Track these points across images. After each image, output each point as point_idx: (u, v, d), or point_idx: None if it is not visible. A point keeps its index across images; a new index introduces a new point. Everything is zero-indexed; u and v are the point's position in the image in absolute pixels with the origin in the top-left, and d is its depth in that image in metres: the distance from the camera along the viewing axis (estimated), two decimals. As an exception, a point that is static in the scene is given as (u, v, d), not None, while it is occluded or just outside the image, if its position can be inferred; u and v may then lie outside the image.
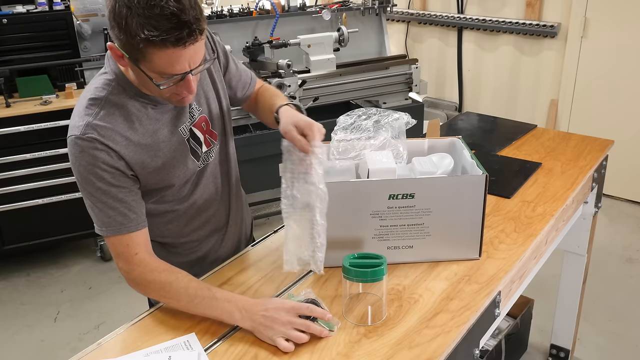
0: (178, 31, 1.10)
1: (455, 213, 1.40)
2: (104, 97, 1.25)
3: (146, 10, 1.09)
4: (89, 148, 1.22)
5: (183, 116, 1.36)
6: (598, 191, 2.13)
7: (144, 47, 1.11)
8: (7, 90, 3.06)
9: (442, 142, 1.63)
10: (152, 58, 1.13)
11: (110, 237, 1.28)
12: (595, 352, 2.59)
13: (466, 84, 4.69)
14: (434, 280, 1.39)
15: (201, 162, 1.43)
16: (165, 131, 1.33)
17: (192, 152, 1.39)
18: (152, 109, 1.31)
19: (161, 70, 1.16)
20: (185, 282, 1.26)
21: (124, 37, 1.13)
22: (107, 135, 1.23)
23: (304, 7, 3.71)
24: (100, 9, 4.06)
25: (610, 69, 3.77)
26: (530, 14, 4.09)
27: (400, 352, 1.16)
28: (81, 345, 2.67)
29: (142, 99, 1.29)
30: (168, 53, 1.12)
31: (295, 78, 3.17)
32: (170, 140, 1.34)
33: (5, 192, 3.08)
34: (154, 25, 1.09)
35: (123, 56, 1.17)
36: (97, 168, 1.23)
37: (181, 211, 1.45)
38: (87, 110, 1.24)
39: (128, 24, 1.10)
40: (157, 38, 1.09)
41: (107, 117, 1.24)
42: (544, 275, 2.01)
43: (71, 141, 1.23)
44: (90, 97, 1.26)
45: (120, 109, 1.26)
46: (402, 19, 4.96)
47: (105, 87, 1.27)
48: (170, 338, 1.22)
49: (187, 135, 1.37)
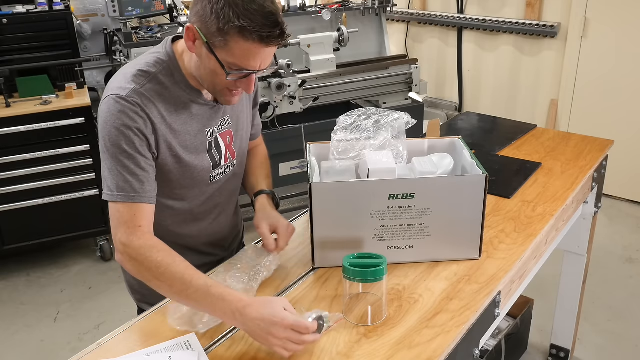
0: (272, 29, 1.17)
1: (455, 213, 1.40)
2: (153, 73, 1.29)
3: (246, 3, 1.16)
4: (129, 110, 1.24)
5: (214, 121, 1.40)
6: (598, 191, 2.13)
7: (233, 34, 1.17)
8: (7, 90, 3.06)
9: (442, 142, 1.63)
10: (233, 47, 1.18)
11: (118, 204, 1.25)
12: (595, 352, 2.59)
13: (466, 84, 4.69)
14: (434, 280, 1.39)
15: (216, 173, 1.44)
16: (195, 126, 1.36)
17: (210, 156, 1.41)
18: (190, 101, 1.34)
19: (236, 61, 1.21)
20: (183, 267, 1.21)
21: (213, 21, 1.17)
22: (149, 105, 1.27)
23: (304, 7, 3.71)
24: (100, 9, 4.06)
25: (610, 69, 3.77)
26: (530, 14, 4.09)
27: (400, 352, 1.16)
28: (81, 345, 2.67)
29: (186, 89, 1.33)
30: (252, 47, 1.18)
31: (295, 78, 3.17)
32: (196, 136, 1.37)
33: (5, 192, 3.08)
34: (250, 17, 1.15)
35: (197, 39, 1.22)
36: (130, 131, 1.24)
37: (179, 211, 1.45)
38: (135, 78, 1.27)
39: (225, 11, 1.15)
40: (252, 29, 1.15)
41: (152, 92, 1.28)
42: (544, 275, 2.01)
43: (112, 100, 1.24)
44: (141, 69, 1.29)
45: (165, 89, 1.30)
46: (402, 19, 4.96)
47: (157, 65, 1.31)
48: (170, 338, 1.22)
49: (211, 139, 1.40)
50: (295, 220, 1.69)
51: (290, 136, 3.15)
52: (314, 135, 2.84)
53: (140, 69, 1.29)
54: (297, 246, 1.55)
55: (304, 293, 1.36)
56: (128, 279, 1.57)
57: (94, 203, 3.20)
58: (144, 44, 3.16)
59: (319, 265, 1.45)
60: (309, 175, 1.42)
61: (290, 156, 3.26)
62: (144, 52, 3.29)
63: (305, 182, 1.39)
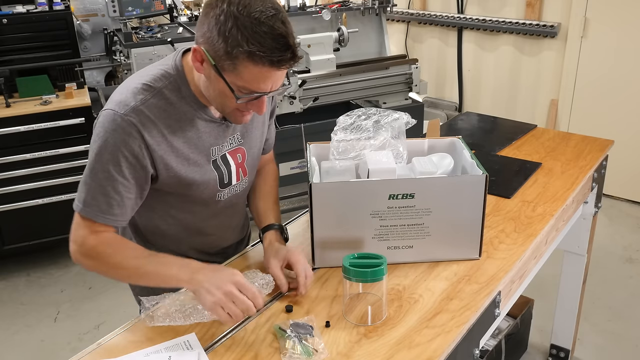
0: (282, 53, 1.13)
1: (455, 213, 1.40)
2: (158, 88, 1.25)
3: (255, 25, 1.11)
4: (124, 130, 1.20)
5: (222, 138, 1.36)
6: (598, 191, 2.13)
7: (242, 59, 1.13)
8: (7, 90, 3.06)
9: (442, 142, 1.63)
10: (243, 71, 1.15)
11: (82, 217, 1.25)
12: (595, 352, 2.59)
13: (466, 84, 4.69)
14: (434, 280, 1.39)
15: (226, 192, 1.42)
16: (200, 143, 1.32)
17: (218, 174, 1.38)
18: (197, 118, 1.30)
19: (246, 85, 1.17)
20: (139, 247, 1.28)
21: (221, 45, 1.13)
22: (147, 125, 1.22)
23: (304, 7, 3.71)
24: (100, 9, 4.06)
25: (610, 69, 3.77)
26: (530, 14, 4.09)
27: (400, 352, 1.16)
28: (81, 345, 2.67)
29: (193, 105, 1.29)
30: (262, 70, 1.14)
31: (295, 78, 3.17)
32: (200, 154, 1.33)
33: (5, 192, 3.08)
34: (260, 41, 1.11)
35: (205, 61, 1.18)
36: (119, 152, 1.21)
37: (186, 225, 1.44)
38: (138, 94, 1.23)
39: (232, 34, 1.11)
40: (262, 53, 1.11)
41: (154, 109, 1.24)
42: (544, 275, 2.01)
43: (109, 114, 1.22)
44: (145, 83, 1.25)
45: (169, 105, 1.26)
46: (402, 19, 4.96)
47: (163, 79, 1.26)
48: (170, 338, 1.22)
49: (216, 157, 1.36)
50: (295, 220, 1.69)
51: (290, 136, 3.14)
52: (314, 135, 2.84)
53: (145, 82, 1.25)
54: (297, 246, 1.55)
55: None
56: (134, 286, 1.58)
57: (94, 203, 3.19)
58: (144, 44, 3.16)
59: (319, 265, 1.45)
60: (309, 175, 1.42)
61: (290, 156, 3.26)
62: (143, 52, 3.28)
63: (305, 182, 1.39)
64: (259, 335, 1.22)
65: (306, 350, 1.16)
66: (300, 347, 1.16)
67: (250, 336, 1.22)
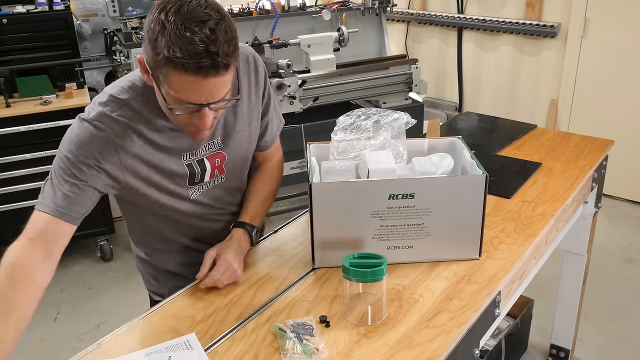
0: (201, 59, 1.09)
1: (455, 213, 1.40)
2: (125, 100, 1.25)
3: (179, 31, 1.08)
4: (90, 133, 1.22)
5: (196, 145, 1.35)
6: (598, 191, 2.13)
7: (165, 66, 1.11)
8: (7, 90, 3.06)
9: (442, 142, 1.63)
10: (171, 80, 1.13)
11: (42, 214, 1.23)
12: (595, 352, 2.59)
13: (466, 84, 4.69)
14: (434, 280, 1.39)
15: (196, 189, 1.41)
16: (172, 151, 1.32)
17: (190, 175, 1.37)
18: (168, 129, 1.30)
19: (177, 94, 1.15)
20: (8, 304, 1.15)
21: (150, 52, 1.13)
22: (115, 129, 1.23)
23: (304, 7, 3.70)
24: (100, 9, 4.06)
25: (610, 69, 3.77)
26: (530, 14, 4.09)
27: (400, 352, 1.16)
28: (81, 345, 2.67)
29: (162, 116, 1.27)
30: (186, 79, 1.11)
31: (295, 78, 3.17)
32: (171, 160, 1.33)
33: (5, 192, 3.08)
34: (180, 47, 1.08)
35: (148, 72, 1.17)
36: (82, 155, 1.22)
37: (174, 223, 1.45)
38: (105, 104, 1.25)
39: (157, 41, 1.10)
40: (178, 60, 1.09)
41: (121, 118, 1.24)
42: (544, 275, 2.01)
43: (78, 121, 1.24)
44: (112, 94, 1.26)
45: (137, 115, 1.26)
46: (402, 19, 4.96)
47: (129, 91, 1.26)
48: (170, 338, 1.22)
49: (190, 161, 1.36)
50: (295, 220, 1.70)
51: (290, 136, 3.14)
52: (314, 135, 2.84)
53: (112, 94, 1.26)
54: (297, 246, 1.55)
55: (304, 293, 1.36)
56: (139, 267, 1.60)
57: (94, 203, 3.19)
58: (144, 44, 3.16)
59: (319, 265, 1.45)
60: (309, 175, 1.42)
61: (290, 156, 3.25)
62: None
63: (305, 182, 1.39)
64: (259, 335, 1.22)
65: (306, 350, 1.16)
66: (300, 347, 1.16)
67: (250, 336, 1.22)
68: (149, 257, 1.55)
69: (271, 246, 1.57)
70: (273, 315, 1.28)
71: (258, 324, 1.26)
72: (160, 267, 1.56)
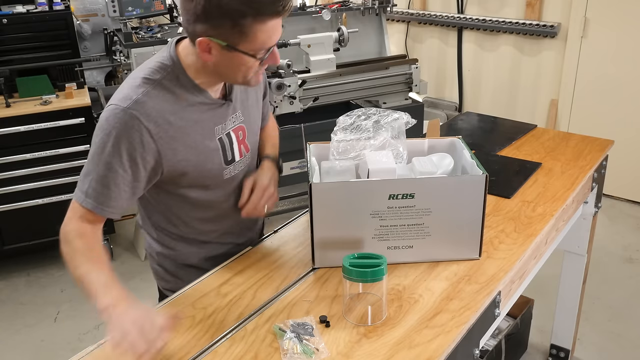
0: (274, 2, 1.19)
1: (455, 213, 1.40)
2: (157, 80, 1.29)
3: None
4: (126, 123, 1.23)
5: (224, 118, 1.40)
6: (598, 191, 2.13)
7: (249, 24, 1.18)
8: (7, 90, 3.06)
9: (442, 142, 1.63)
10: (255, 34, 1.20)
11: (77, 206, 1.28)
12: (595, 352, 2.59)
13: (466, 84, 4.69)
14: (434, 280, 1.39)
15: (232, 169, 1.45)
16: (204, 126, 1.36)
17: (223, 153, 1.41)
18: (198, 103, 1.34)
19: (261, 45, 1.23)
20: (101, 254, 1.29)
21: (224, 20, 1.18)
22: (151, 115, 1.26)
23: (304, 7, 3.70)
24: (100, 9, 4.06)
25: (610, 69, 3.77)
26: (530, 14, 4.09)
27: (400, 352, 1.16)
28: (81, 345, 2.67)
29: (193, 91, 1.33)
30: (269, 25, 1.21)
31: (295, 78, 3.16)
32: (205, 135, 1.37)
33: (5, 192, 3.08)
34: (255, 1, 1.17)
35: (212, 48, 1.22)
36: (121, 145, 1.24)
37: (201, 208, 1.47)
38: (138, 87, 1.27)
39: (231, 8, 1.16)
40: (265, 9, 1.18)
41: (156, 99, 1.27)
42: (544, 275, 2.01)
43: (112, 110, 1.25)
44: (144, 77, 1.29)
45: (170, 93, 1.30)
46: (402, 19, 4.96)
47: (160, 71, 1.30)
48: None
49: (221, 135, 1.40)
50: (295, 220, 1.70)
51: (290, 136, 3.14)
52: (314, 135, 2.84)
53: (144, 76, 1.29)
54: (297, 246, 1.55)
55: (304, 293, 1.36)
56: (154, 265, 1.61)
57: (94, 203, 3.19)
58: (144, 44, 3.16)
59: (319, 265, 1.45)
60: (309, 175, 1.42)
61: (290, 156, 3.26)
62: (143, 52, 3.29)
63: (305, 182, 1.39)
64: (259, 335, 1.22)
65: (306, 350, 1.16)
66: (300, 347, 1.16)
67: (250, 336, 1.22)
68: (170, 251, 1.55)
69: (271, 246, 1.57)
70: (273, 315, 1.28)
71: (258, 324, 1.26)
72: (182, 262, 1.56)
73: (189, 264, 1.55)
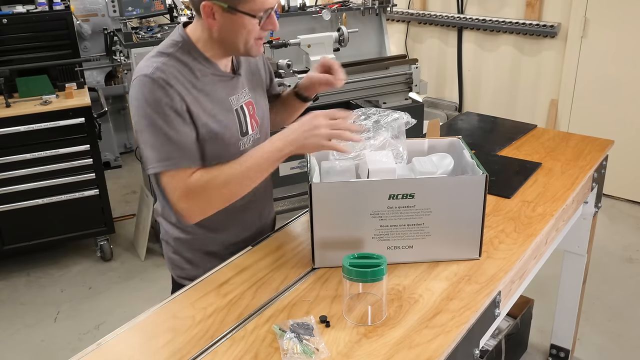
0: None
1: (455, 213, 1.40)
2: (171, 53, 1.39)
3: None
4: (157, 86, 1.33)
5: (236, 90, 1.50)
6: (598, 191, 2.13)
7: None
8: (7, 90, 3.06)
9: (442, 142, 1.63)
10: None
11: (167, 173, 1.35)
12: (595, 352, 2.59)
13: (466, 84, 4.69)
14: (434, 280, 1.39)
15: (246, 141, 1.51)
16: (219, 95, 1.45)
17: (239, 123, 1.49)
18: (211, 74, 1.43)
19: (261, 4, 1.33)
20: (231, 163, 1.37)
21: None
22: (173, 78, 1.35)
23: (304, 7, 3.70)
24: (100, 9, 4.06)
25: (610, 69, 3.77)
26: (530, 14, 4.09)
27: (400, 352, 1.16)
28: (81, 345, 2.67)
29: (204, 63, 1.42)
30: None
31: (295, 78, 3.16)
32: (222, 104, 1.45)
33: (5, 192, 3.08)
34: None
35: (215, 12, 1.32)
36: (163, 104, 1.33)
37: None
38: (155, 58, 1.38)
39: None
40: None
41: (172, 68, 1.37)
42: (544, 275, 2.01)
43: (140, 80, 1.34)
44: (158, 51, 1.40)
45: (184, 65, 1.39)
46: (402, 19, 4.96)
47: (173, 46, 1.41)
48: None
49: (237, 106, 1.49)
50: (295, 220, 1.70)
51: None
52: (314, 135, 2.83)
53: (158, 51, 1.40)
54: (297, 246, 1.55)
55: (304, 293, 1.36)
56: (170, 254, 1.62)
57: (94, 203, 3.20)
58: (144, 44, 3.16)
59: (319, 265, 1.45)
60: (309, 175, 1.42)
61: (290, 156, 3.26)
62: (143, 52, 3.28)
63: (305, 182, 1.39)
64: (259, 335, 1.22)
65: (306, 350, 1.16)
66: (300, 347, 1.16)
67: (250, 336, 1.22)
68: (189, 236, 1.57)
69: (271, 246, 1.57)
70: (273, 315, 1.28)
71: (258, 324, 1.26)
72: (198, 247, 1.58)
73: (206, 251, 1.58)
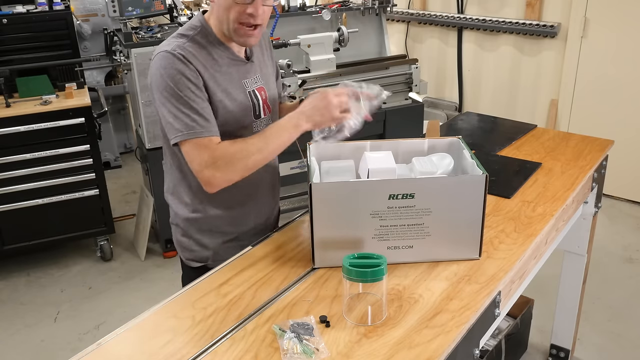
0: None
1: (455, 213, 1.40)
2: (190, 35, 1.50)
3: None
4: (178, 61, 1.42)
5: (249, 74, 1.58)
6: (598, 191, 2.13)
7: None
8: (7, 90, 3.06)
9: (442, 142, 1.63)
10: None
11: (190, 141, 1.41)
12: (595, 352, 2.59)
13: (466, 84, 4.69)
14: (434, 280, 1.39)
15: (259, 124, 1.58)
16: (234, 77, 1.53)
17: (252, 105, 1.56)
18: (226, 57, 1.53)
19: None
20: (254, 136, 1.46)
21: None
22: (192, 56, 1.45)
23: (304, 7, 3.70)
24: (100, 9, 4.06)
25: (610, 69, 3.77)
26: (530, 14, 4.09)
27: (400, 352, 1.16)
28: (81, 345, 2.67)
29: (220, 47, 1.52)
30: None
31: (295, 78, 3.16)
32: (236, 85, 1.53)
33: (5, 192, 3.08)
34: None
35: None
36: (183, 78, 1.42)
37: None
38: (175, 39, 1.48)
39: None
40: None
41: (192, 49, 1.46)
42: (544, 275, 2.01)
43: (161, 55, 1.44)
44: (179, 33, 1.51)
45: (202, 47, 1.49)
46: (402, 19, 4.96)
47: (192, 30, 1.51)
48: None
49: (250, 89, 1.57)
50: (295, 220, 1.70)
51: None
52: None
53: (179, 33, 1.50)
54: (297, 246, 1.55)
55: (303, 293, 1.36)
56: (179, 237, 1.66)
57: (94, 203, 3.20)
58: (144, 44, 3.16)
59: (319, 265, 1.45)
60: (309, 175, 1.42)
61: (290, 156, 3.24)
62: (143, 52, 3.29)
63: (305, 182, 1.39)
64: (259, 335, 1.22)
65: (306, 350, 1.16)
66: (300, 347, 1.16)
67: (250, 336, 1.22)
68: (200, 215, 1.61)
69: (271, 246, 1.57)
70: (273, 315, 1.28)
71: (258, 324, 1.26)
72: (208, 229, 1.63)
73: (217, 232, 1.62)
